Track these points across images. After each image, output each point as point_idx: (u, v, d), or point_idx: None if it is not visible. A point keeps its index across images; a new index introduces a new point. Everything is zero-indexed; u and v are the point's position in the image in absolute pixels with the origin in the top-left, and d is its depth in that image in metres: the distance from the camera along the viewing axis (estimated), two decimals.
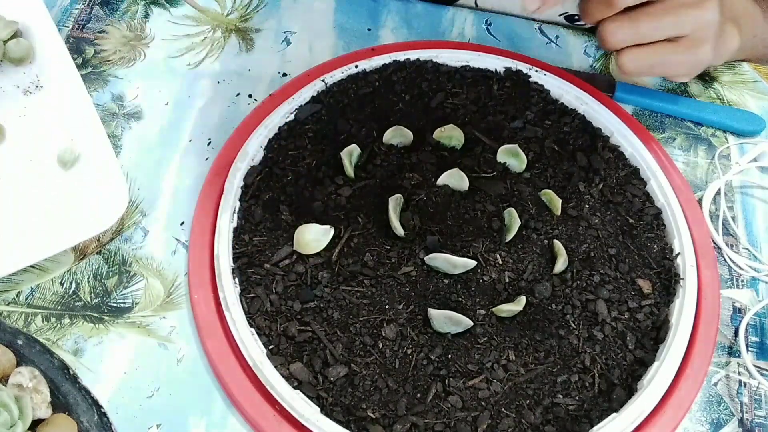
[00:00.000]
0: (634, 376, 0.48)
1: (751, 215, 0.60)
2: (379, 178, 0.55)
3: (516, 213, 0.52)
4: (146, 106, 0.61)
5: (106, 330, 0.50)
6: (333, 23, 0.69)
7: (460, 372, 0.47)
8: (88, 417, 0.43)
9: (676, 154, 0.63)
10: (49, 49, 0.59)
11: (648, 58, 0.54)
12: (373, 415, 0.45)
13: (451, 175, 0.54)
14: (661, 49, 0.54)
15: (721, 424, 0.49)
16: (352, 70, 0.61)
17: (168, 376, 0.49)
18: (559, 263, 0.51)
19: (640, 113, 0.65)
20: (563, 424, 0.45)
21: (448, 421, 0.45)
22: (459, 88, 0.61)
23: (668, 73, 0.56)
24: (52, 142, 0.56)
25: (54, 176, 0.54)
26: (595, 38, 0.71)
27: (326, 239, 0.51)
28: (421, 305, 0.49)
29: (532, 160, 0.57)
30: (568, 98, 0.61)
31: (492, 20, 0.71)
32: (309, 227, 0.51)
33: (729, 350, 0.53)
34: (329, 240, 0.51)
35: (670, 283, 0.52)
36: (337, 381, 0.46)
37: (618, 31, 0.53)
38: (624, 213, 0.55)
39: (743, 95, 0.67)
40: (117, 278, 0.52)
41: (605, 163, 0.57)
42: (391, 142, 0.57)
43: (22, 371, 0.43)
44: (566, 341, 0.48)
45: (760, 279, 0.56)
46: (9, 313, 0.50)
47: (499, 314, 0.49)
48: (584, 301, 0.50)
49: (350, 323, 0.48)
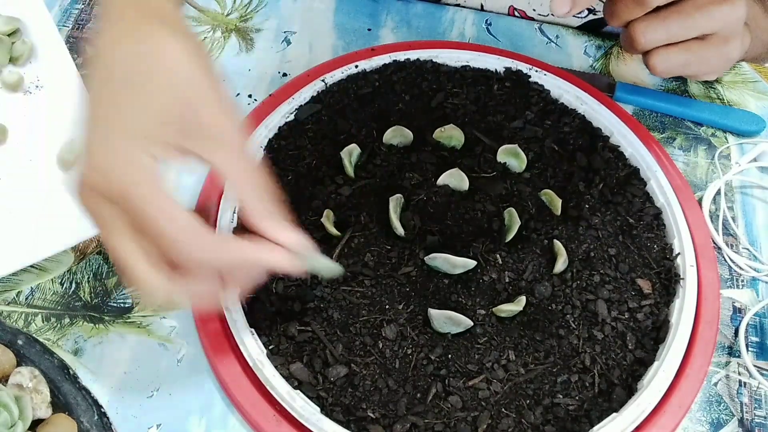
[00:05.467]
0: (634, 376, 0.48)
1: (751, 215, 0.60)
2: (379, 178, 0.55)
3: (516, 213, 0.52)
4: None
5: (106, 330, 0.50)
6: (333, 23, 0.69)
7: (460, 372, 0.47)
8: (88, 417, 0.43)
9: (676, 154, 0.63)
10: (49, 49, 0.59)
11: (679, 58, 0.53)
12: (373, 415, 0.45)
13: (451, 175, 0.54)
14: (691, 47, 0.53)
15: (721, 424, 0.49)
16: (352, 70, 0.61)
17: (168, 376, 0.48)
18: (559, 263, 0.51)
19: (640, 113, 0.65)
20: (563, 424, 0.45)
21: (448, 421, 0.45)
22: (459, 88, 0.61)
23: (698, 71, 0.56)
24: (52, 142, 0.56)
25: (54, 176, 0.54)
26: (595, 38, 0.71)
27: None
28: (421, 305, 0.49)
29: (532, 160, 0.57)
30: (568, 98, 0.61)
31: (492, 20, 0.71)
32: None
33: (729, 350, 0.53)
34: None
35: (670, 283, 0.52)
36: (337, 381, 0.46)
37: (648, 31, 0.52)
38: (624, 213, 0.55)
39: (743, 95, 0.67)
40: (117, 278, 0.52)
41: (605, 163, 0.57)
42: (391, 142, 0.57)
43: (22, 371, 0.43)
44: (566, 341, 0.48)
45: (760, 279, 0.56)
46: (9, 313, 0.50)
47: (499, 314, 0.49)
48: (584, 301, 0.50)
49: (350, 323, 0.48)
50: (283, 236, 0.40)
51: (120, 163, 0.36)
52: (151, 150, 0.37)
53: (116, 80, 0.38)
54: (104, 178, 0.36)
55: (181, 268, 0.38)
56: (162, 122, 0.37)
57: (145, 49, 0.38)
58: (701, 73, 0.57)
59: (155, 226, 0.36)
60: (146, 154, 0.37)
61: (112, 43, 0.39)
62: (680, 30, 0.52)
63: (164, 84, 0.38)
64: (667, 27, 0.52)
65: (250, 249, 0.39)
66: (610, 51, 0.70)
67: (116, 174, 0.36)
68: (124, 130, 0.37)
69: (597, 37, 0.71)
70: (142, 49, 0.38)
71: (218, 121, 0.39)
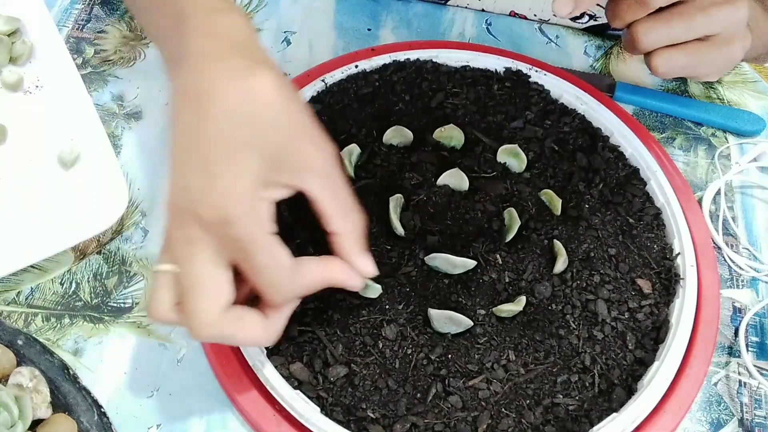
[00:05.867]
0: (634, 376, 0.48)
1: (751, 215, 0.60)
2: (379, 178, 0.55)
3: (516, 213, 0.52)
4: (146, 106, 0.61)
5: (106, 330, 0.50)
6: (333, 23, 0.69)
7: (460, 372, 0.47)
8: (88, 417, 0.43)
9: (676, 154, 0.63)
10: (49, 49, 0.59)
11: (681, 59, 0.54)
12: (373, 415, 0.45)
13: (451, 175, 0.54)
14: (693, 48, 0.53)
15: (721, 424, 0.49)
16: (352, 70, 0.61)
17: (168, 376, 0.49)
18: (559, 263, 0.51)
19: (640, 113, 0.65)
20: (563, 424, 0.45)
21: (448, 421, 0.45)
22: (459, 88, 0.61)
23: (700, 72, 0.56)
24: (52, 142, 0.56)
25: (54, 176, 0.54)
26: (595, 38, 0.71)
27: None
28: (421, 305, 0.49)
29: (532, 160, 0.57)
30: (568, 98, 0.61)
31: (492, 20, 0.71)
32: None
33: (729, 350, 0.53)
34: None
35: (670, 283, 0.52)
36: (337, 381, 0.46)
37: (651, 32, 0.52)
38: (624, 213, 0.55)
39: (743, 95, 0.67)
40: (117, 278, 0.52)
41: (605, 163, 0.57)
42: (391, 142, 0.57)
43: (22, 371, 0.43)
44: (566, 341, 0.48)
45: (760, 279, 0.56)
46: (9, 313, 0.50)
47: (499, 314, 0.49)
48: (584, 301, 0.50)
49: (350, 323, 0.48)
50: (365, 267, 0.43)
51: (232, 199, 0.37)
52: (260, 186, 0.38)
53: (220, 116, 0.38)
54: (213, 210, 0.37)
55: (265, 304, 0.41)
56: (270, 160, 0.39)
57: (244, 85, 0.38)
58: (703, 74, 0.57)
59: (257, 264, 0.38)
60: (256, 191, 0.38)
61: (208, 77, 0.39)
62: (683, 31, 0.52)
63: (268, 121, 0.39)
64: (669, 28, 0.52)
65: (332, 275, 0.43)
66: (610, 51, 0.70)
67: (226, 210, 0.37)
68: (237, 167, 0.38)
69: (597, 36, 0.71)
70: (242, 86, 0.38)
71: (315, 153, 0.41)
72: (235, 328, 0.39)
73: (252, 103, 0.38)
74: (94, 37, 0.65)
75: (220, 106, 0.38)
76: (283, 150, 0.39)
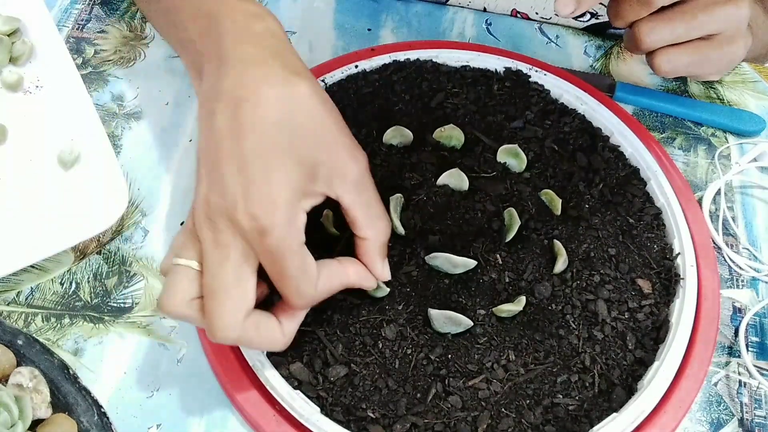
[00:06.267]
0: (634, 376, 0.48)
1: (751, 215, 0.60)
2: (379, 178, 0.55)
3: (516, 213, 0.52)
4: (146, 106, 0.61)
5: (106, 330, 0.50)
6: (333, 23, 0.69)
7: (460, 372, 0.47)
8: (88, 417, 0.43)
9: (676, 154, 0.63)
10: (49, 49, 0.59)
11: (683, 58, 0.54)
12: (373, 415, 0.45)
13: (451, 175, 0.54)
14: (695, 48, 0.54)
15: (721, 424, 0.49)
16: (352, 70, 0.61)
17: (168, 376, 0.48)
18: (559, 263, 0.51)
19: (640, 113, 0.65)
20: (563, 424, 0.45)
21: (448, 421, 0.45)
22: (459, 88, 0.61)
23: (702, 71, 0.56)
24: (52, 142, 0.56)
25: (54, 176, 0.54)
26: (595, 38, 0.71)
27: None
28: (421, 305, 0.49)
29: (532, 160, 0.57)
30: (568, 98, 0.61)
31: (492, 20, 0.71)
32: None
33: (729, 350, 0.53)
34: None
35: (670, 283, 0.52)
36: (337, 381, 0.46)
37: (653, 31, 0.52)
38: (624, 213, 0.55)
39: (743, 95, 0.67)
40: (117, 278, 0.52)
41: (605, 163, 0.57)
42: (391, 142, 0.57)
43: (22, 371, 0.43)
44: (566, 341, 0.48)
45: (760, 279, 0.56)
46: (9, 313, 0.50)
47: (499, 314, 0.49)
48: (584, 301, 0.50)
49: (350, 323, 0.48)
50: (384, 274, 0.45)
51: (271, 209, 0.38)
52: (298, 197, 0.39)
53: (261, 123, 0.38)
54: (250, 219, 0.37)
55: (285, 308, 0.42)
56: (308, 169, 0.39)
57: (284, 93, 0.39)
58: (705, 74, 0.57)
59: (287, 274, 0.39)
60: (295, 202, 0.39)
61: (248, 84, 0.39)
62: (685, 30, 0.52)
63: (308, 130, 0.39)
64: (671, 27, 0.52)
65: (350, 279, 0.44)
66: (610, 51, 0.70)
67: (265, 219, 0.37)
68: (277, 176, 0.38)
69: (597, 36, 0.71)
70: (282, 94, 0.39)
71: (351, 163, 0.41)
72: (255, 333, 0.40)
73: (292, 112, 0.39)
74: (94, 37, 0.65)
75: (260, 113, 0.38)
76: (321, 159, 0.40)
